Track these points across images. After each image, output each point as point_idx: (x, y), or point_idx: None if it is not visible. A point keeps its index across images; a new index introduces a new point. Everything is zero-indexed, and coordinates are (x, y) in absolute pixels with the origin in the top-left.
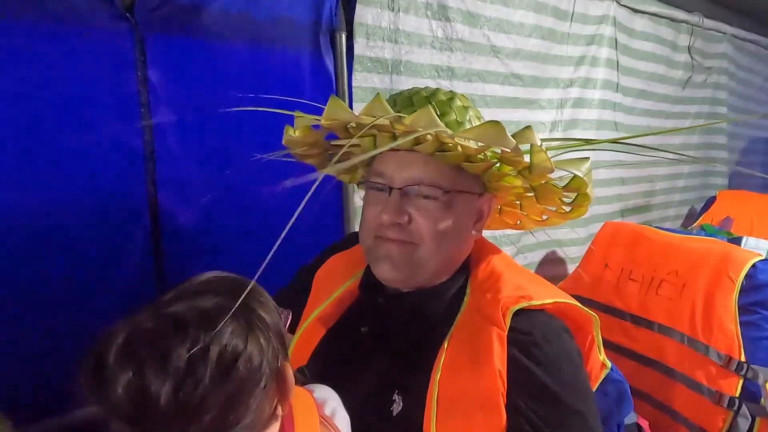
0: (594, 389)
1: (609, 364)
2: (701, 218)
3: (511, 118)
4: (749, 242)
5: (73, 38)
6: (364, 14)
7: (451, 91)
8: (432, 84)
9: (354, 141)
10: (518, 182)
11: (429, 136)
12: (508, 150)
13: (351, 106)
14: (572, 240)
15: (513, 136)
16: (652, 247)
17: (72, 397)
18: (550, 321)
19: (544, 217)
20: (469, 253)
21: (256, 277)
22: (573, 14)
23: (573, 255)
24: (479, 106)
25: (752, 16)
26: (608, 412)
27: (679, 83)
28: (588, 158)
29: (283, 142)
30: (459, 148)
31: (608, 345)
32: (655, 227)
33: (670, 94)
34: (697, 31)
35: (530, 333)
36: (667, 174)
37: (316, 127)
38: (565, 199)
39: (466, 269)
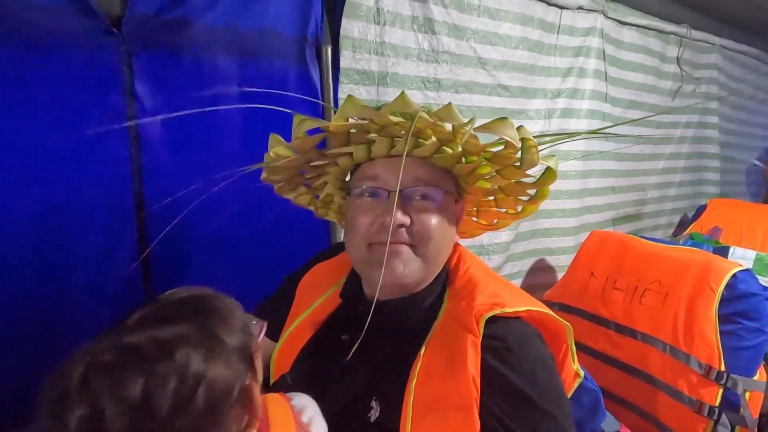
0: (568, 397)
1: (582, 373)
2: (691, 227)
3: None
4: (736, 252)
5: (61, 53)
6: (350, 28)
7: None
8: (419, 95)
9: (346, 150)
10: (488, 184)
11: (434, 138)
12: (513, 142)
13: None
14: (561, 249)
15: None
16: (637, 257)
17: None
18: (524, 328)
19: (495, 221)
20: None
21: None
22: (560, 26)
23: (562, 263)
24: (466, 116)
25: (741, 27)
26: (582, 421)
27: (668, 93)
28: (554, 155)
29: (270, 152)
30: (459, 147)
31: (593, 353)
32: (641, 237)
33: (659, 104)
34: (685, 42)
35: (504, 339)
36: (659, 183)
37: (311, 132)
38: (522, 197)
39: (443, 276)
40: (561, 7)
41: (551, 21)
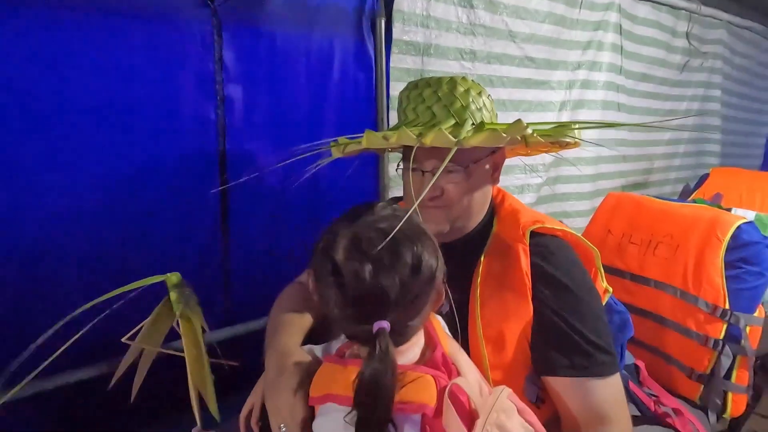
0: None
1: (611, 289)
2: (694, 194)
3: (524, 97)
4: (737, 213)
5: (162, 22)
6: (401, 2)
7: (452, 79)
8: (456, 66)
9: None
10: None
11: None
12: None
13: (388, 85)
14: (578, 212)
15: (506, 130)
16: (650, 214)
17: None
18: (560, 242)
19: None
20: (491, 199)
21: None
22: (582, 1)
23: (579, 226)
24: (497, 86)
25: (747, 3)
26: (614, 336)
27: (677, 67)
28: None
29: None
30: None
31: None
32: (654, 197)
33: (668, 77)
34: (695, 17)
35: (546, 246)
36: (665, 153)
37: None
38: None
39: (490, 211)
40: None
41: None
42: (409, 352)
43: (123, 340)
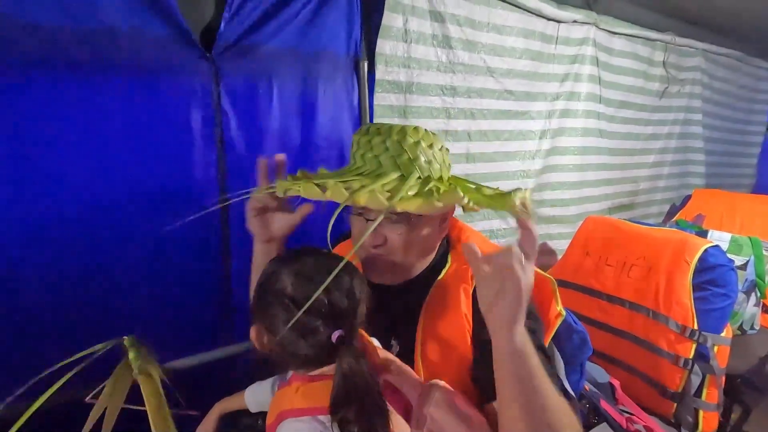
0: (553, 333)
1: (564, 312)
2: (678, 214)
3: (505, 127)
4: (714, 235)
5: (165, 75)
6: (383, 45)
7: (402, 128)
8: (437, 100)
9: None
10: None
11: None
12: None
13: (371, 121)
14: (560, 234)
15: (442, 198)
16: (626, 237)
17: None
18: None
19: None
20: (446, 234)
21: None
22: (558, 38)
23: (561, 247)
24: (478, 118)
25: (723, 33)
26: (573, 355)
27: (656, 94)
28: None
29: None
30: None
31: (587, 320)
32: (631, 221)
33: (647, 103)
34: (670, 47)
35: None
36: (650, 175)
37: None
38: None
39: (441, 250)
40: (558, 21)
41: (550, 33)
42: None
43: (87, 400)
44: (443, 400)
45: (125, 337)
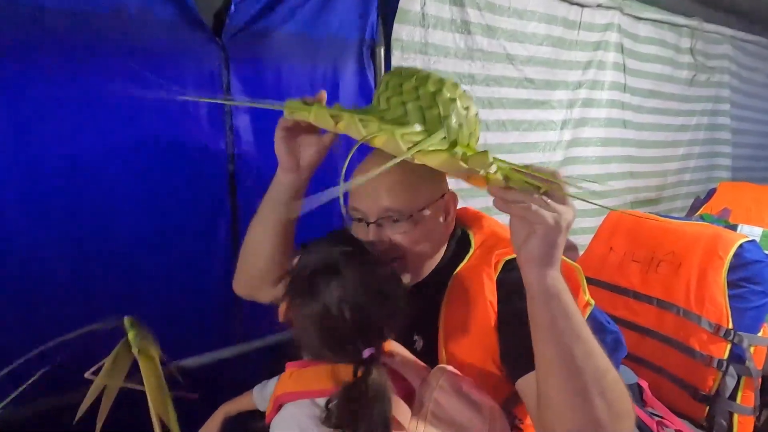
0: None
1: (593, 302)
2: (702, 208)
3: (525, 117)
4: (744, 229)
5: (174, 59)
6: (400, 31)
7: (441, 80)
8: None
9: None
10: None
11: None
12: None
13: None
14: (583, 229)
15: (468, 160)
16: (652, 232)
17: None
18: None
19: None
20: (454, 224)
21: None
22: (580, 23)
23: (583, 243)
24: (496, 107)
25: (750, 18)
26: (608, 356)
27: (685, 82)
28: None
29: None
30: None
31: (612, 319)
32: (655, 214)
33: (676, 92)
34: (697, 33)
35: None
36: (677, 169)
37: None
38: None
39: (453, 243)
40: (582, 5)
41: (573, 18)
42: None
43: (86, 375)
44: (449, 384)
45: (125, 318)
